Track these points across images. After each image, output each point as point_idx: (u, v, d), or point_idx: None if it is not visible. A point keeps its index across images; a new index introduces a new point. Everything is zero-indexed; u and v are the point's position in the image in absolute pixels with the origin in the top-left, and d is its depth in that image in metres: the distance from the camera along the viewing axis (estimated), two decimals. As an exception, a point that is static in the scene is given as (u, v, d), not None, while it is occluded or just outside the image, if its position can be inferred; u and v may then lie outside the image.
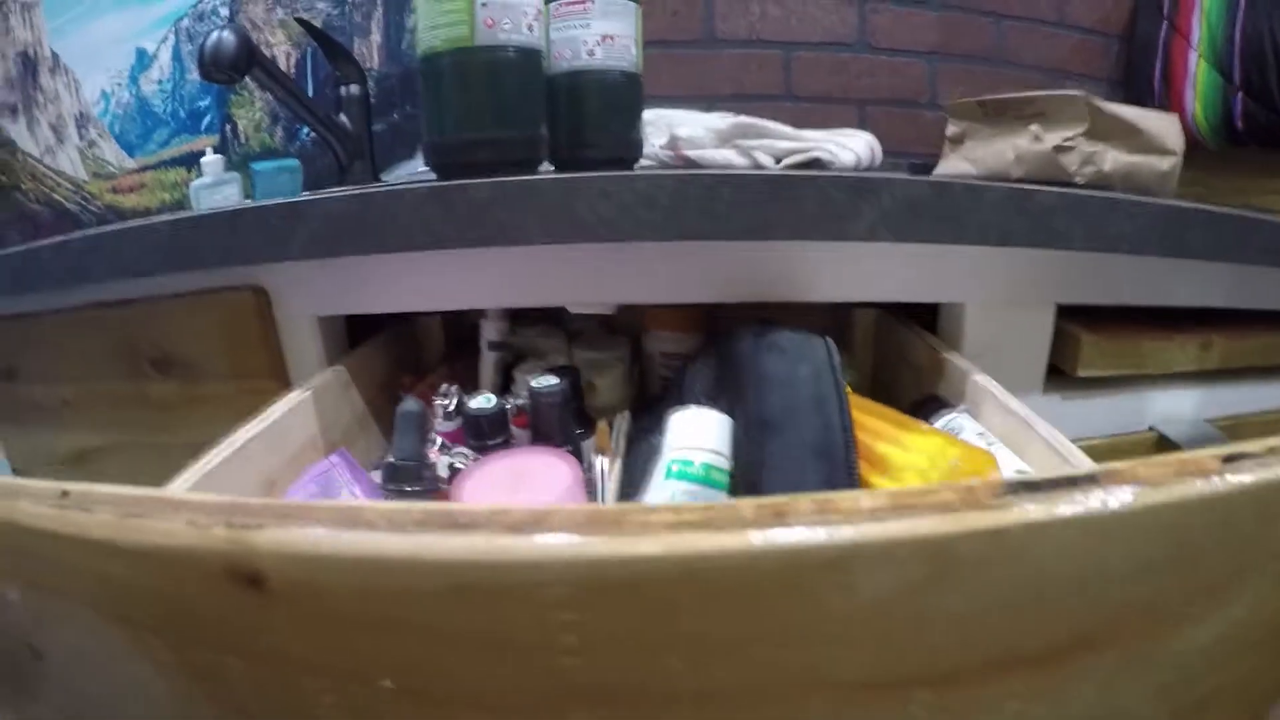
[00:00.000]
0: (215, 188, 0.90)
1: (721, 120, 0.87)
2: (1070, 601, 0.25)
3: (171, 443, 0.66)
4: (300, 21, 0.97)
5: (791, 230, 0.55)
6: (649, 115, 0.82)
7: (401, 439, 0.54)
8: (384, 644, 0.25)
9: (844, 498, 0.23)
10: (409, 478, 0.53)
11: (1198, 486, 0.23)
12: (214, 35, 0.78)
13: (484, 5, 0.61)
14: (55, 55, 1.03)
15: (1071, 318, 0.62)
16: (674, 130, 0.87)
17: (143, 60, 1.06)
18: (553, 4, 0.71)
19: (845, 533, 0.22)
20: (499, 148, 0.65)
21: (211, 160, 0.92)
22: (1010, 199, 0.56)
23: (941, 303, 0.63)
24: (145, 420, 0.67)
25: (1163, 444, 0.63)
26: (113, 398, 0.67)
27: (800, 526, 0.22)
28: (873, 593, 0.23)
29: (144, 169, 1.05)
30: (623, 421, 0.64)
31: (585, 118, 0.73)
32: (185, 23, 1.07)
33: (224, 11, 1.08)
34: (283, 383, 0.63)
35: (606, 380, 0.72)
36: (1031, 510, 0.22)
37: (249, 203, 0.65)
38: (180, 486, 0.44)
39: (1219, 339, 0.64)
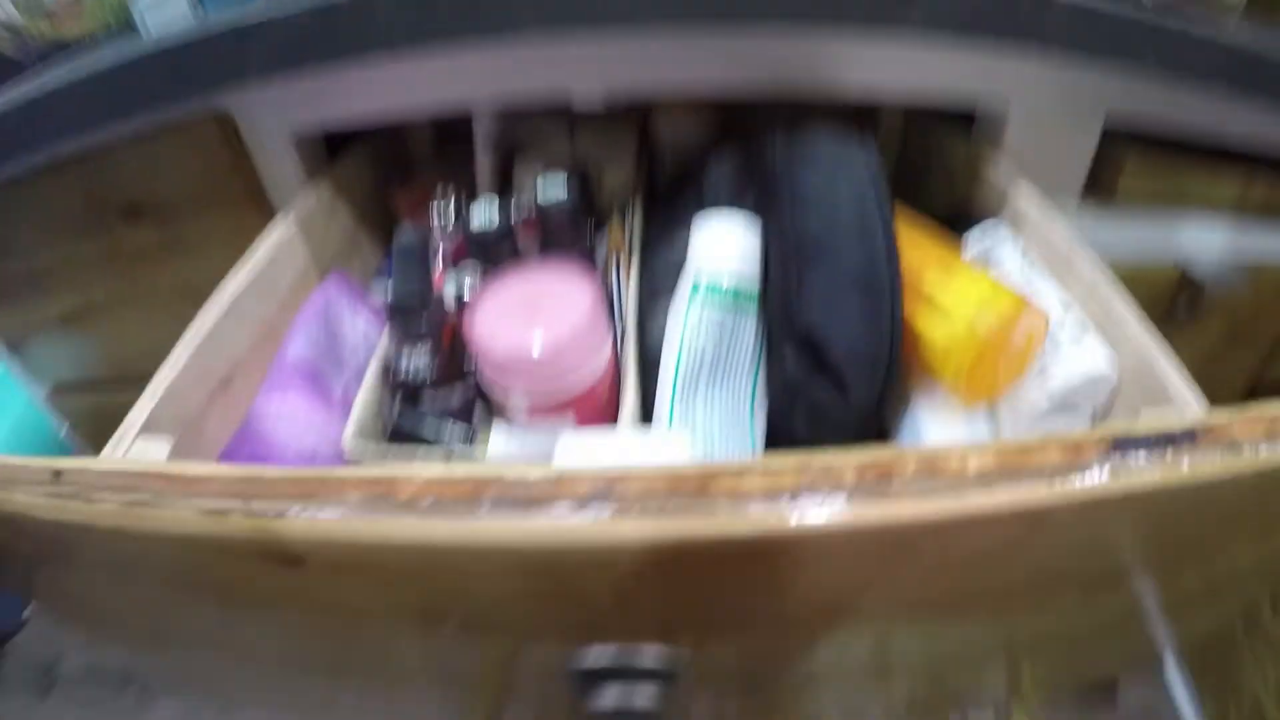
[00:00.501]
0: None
1: None
2: (1138, 542, 0.24)
3: (159, 290, 0.62)
4: None
5: (833, 16, 0.46)
6: None
7: (401, 275, 0.50)
8: (442, 602, 0.24)
9: (950, 457, 0.20)
10: (413, 318, 0.49)
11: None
12: None
13: None
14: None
15: (1116, 136, 0.56)
16: None
17: None
18: None
19: (949, 504, 0.20)
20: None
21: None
22: (1080, 6, 0.47)
23: (983, 104, 0.55)
24: (127, 272, 0.62)
25: (1184, 280, 0.60)
26: (89, 256, 0.61)
27: (906, 498, 0.19)
28: (966, 550, 0.21)
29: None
30: (635, 216, 0.59)
31: None
32: None
33: None
34: (264, 210, 0.57)
35: (615, 172, 0.66)
36: (1128, 479, 0.20)
37: (202, 19, 0.54)
38: (178, 359, 0.41)
39: (1263, 183, 0.59)
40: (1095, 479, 0.19)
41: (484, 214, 0.54)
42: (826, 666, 0.29)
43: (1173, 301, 0.60)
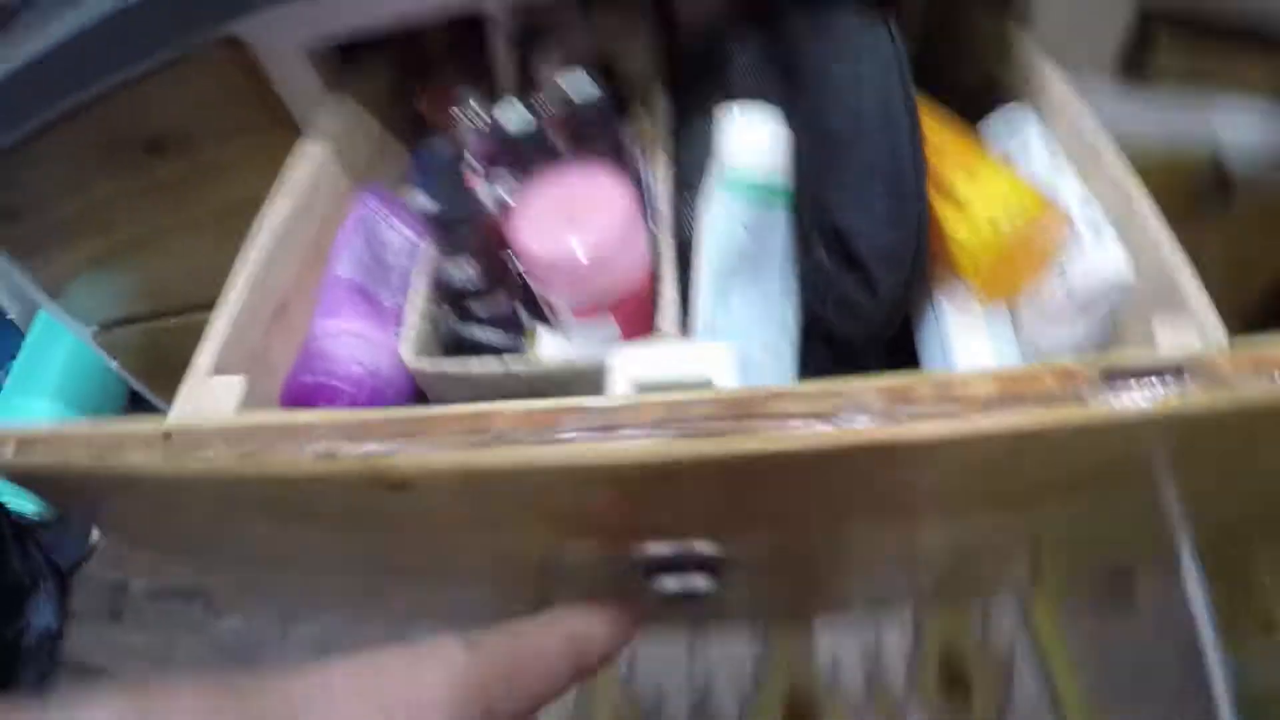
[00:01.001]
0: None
1: None
2: (1123, 458, 0.26)
3: (197, 217, 0.64)
4: None
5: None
6: None
7: (436, 189, 0.51)
8: (532, 510, 0.28)
9: (960, 383, 0.23)
10: (454, 230, 0.51)
11: (1267, 386, 0.23)
12: None
13: None
14: None
15: (1151, 17, 0.53)
16: None
17: None
18: None
19: (960, 425, 0.22)
20: None
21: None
22: None
23: None
24: (160, 204, 0.63)
25: (1216, 168, 0.59)
26: (122, 194, 0.62)
27: (926, 420, 0.22)
28: (972, 459, 0.24)
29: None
30: (661, 106, 0.60)
31: None
32: None
33: None
34: (287, 126, 0.58)
35: (634, 48, 0.64)
36: (1118, 405, 0.22)
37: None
38: (234, 298, 0.43)
39: None
40: (1086, 407, 0.22)
41: (511, 115, 0.55)
42: (855, 558, 0.33)
43: (1203, 189, 0.60)
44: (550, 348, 0.50)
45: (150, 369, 0.86)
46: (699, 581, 0.31)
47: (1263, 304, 0.73)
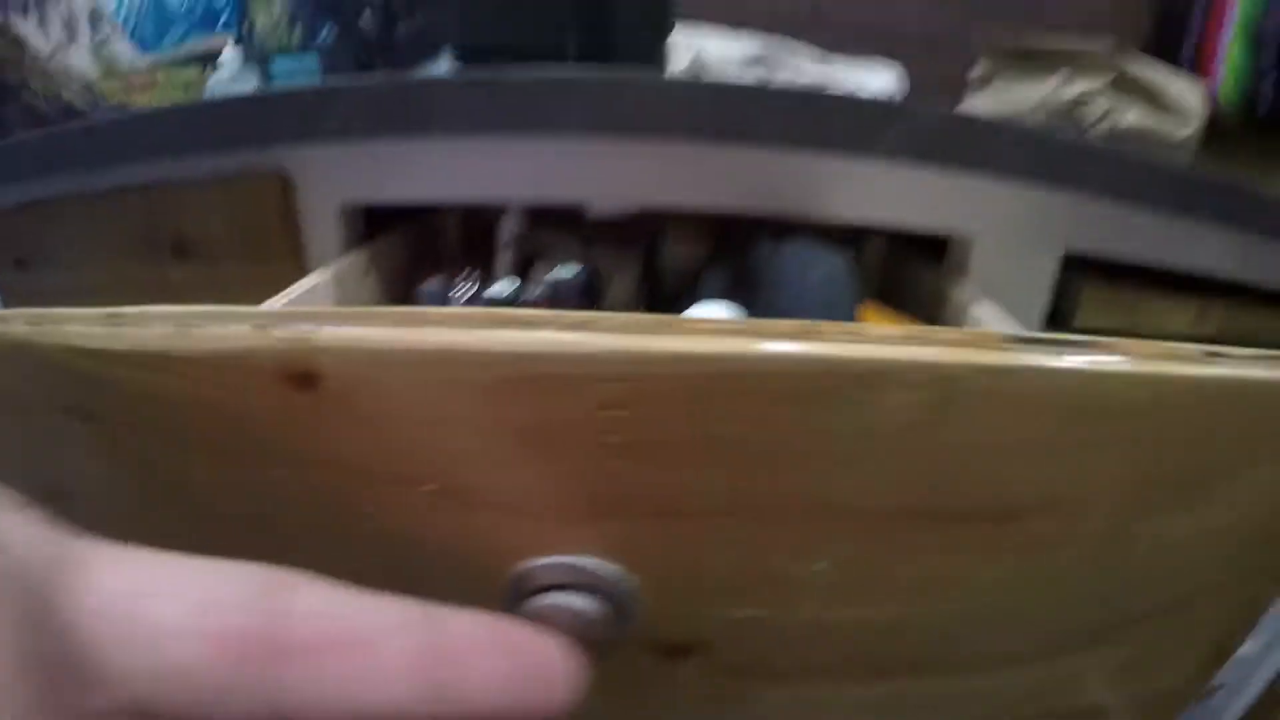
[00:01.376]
0: (234, 83, 0.90)
1: (747, 45, 0.87)
2: (1054, 461, 0.26)
3: None
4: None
5: (817, 142, 0.56)
6: (674, 38, 0.82)
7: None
8: (431, 443, 0.27)
9: (868, 327, 0.24)
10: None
11: (1184, 369, 0.24)
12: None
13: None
14: (70, -51, 1.00)
15: (1074, 270, 0.63)
16: (699, 53, 0.87)
17: (160, -46, 1.04)
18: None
19: (871, 350, 0.23)
20: (525, 53, 0.65)
21: (231, 54, 0.91)
22: (1030, 135, 0.57)
23: (951, 238, 0.64)
24: (164, 304, 0.66)
25: None
26: (131, 283, 0.67)
27: (833, 343, 0.23)
28: (890, 412, 0.25)
29: (157, 67, 1.03)
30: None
31: (614, 29, 0.73)
32: (206, -85, 1.04)
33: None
34: (301, 269, 0.64)
35: (620, 284, 0.73)
36: (1032, 357, 0.23)
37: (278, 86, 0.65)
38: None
39: (1217, 308, 0.64)
40: (1000, 356, 0.23)
41: (501, 287, 0.61)
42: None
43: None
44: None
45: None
46: (578, 600, 0.29)
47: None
